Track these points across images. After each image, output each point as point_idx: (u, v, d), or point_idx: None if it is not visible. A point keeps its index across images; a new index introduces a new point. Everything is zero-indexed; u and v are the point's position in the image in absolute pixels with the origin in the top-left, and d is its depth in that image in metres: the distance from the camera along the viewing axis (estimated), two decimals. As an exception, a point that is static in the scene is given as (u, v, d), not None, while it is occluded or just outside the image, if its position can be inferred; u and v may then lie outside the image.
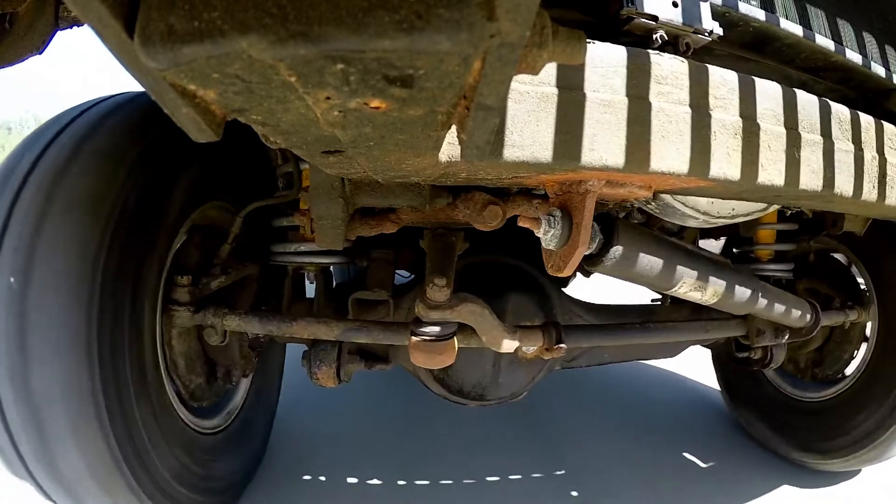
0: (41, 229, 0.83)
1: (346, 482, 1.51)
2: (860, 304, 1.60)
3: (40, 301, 0.82)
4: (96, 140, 0.92)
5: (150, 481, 0.98)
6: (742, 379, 1.99)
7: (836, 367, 1.73)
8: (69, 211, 0.85)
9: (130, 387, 0.93)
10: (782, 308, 1.19)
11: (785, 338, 1.36)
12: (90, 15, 0.26)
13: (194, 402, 1.20)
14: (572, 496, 1.48)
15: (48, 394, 0.83)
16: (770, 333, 1.36)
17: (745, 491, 1.57)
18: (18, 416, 0.83)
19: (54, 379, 0.83)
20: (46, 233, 0.83)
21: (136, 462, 0.94)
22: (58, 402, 0.83)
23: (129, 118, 0.98)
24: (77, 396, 0.84)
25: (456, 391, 1.32)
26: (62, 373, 0.83)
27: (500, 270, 1.37)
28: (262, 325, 1.11)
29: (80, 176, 0.87)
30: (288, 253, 1.23)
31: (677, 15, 0.72)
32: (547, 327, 1.10)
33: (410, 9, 0.24)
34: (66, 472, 0.87)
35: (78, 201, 0.85)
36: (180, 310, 1.08)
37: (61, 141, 0.90)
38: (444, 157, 0.54)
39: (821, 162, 0.73)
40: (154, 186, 0.97)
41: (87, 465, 0.88)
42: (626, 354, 1.52)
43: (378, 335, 1.07)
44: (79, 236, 0.84)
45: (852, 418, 1.56)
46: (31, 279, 0.82)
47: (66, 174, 0.87)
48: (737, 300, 1.04)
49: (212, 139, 0.36)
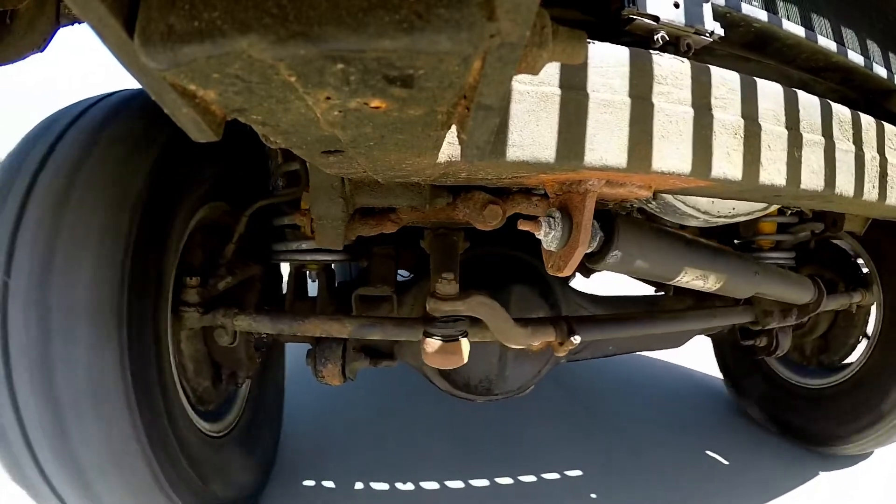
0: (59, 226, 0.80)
1: (353, 487, 1.50)
2: (864, 288, 1.62)
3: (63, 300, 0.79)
4: (113, 130, 0.89)
5: (177, 477, 0.96)
6: (747, 368, 2.01)
7: (841, 352, 1.75)
8: (89, 203, 0.82)
9: (157, 386, 0.92)
10: (785, 285, 1.19)
11: (793, 317, 1.37)
12: (90, 14, 0.26)
13: (202, 405, 1.19)
14: (591, 498, 1.47)
15: (74, 398, 0.80)
16: (778, 314, 1.37)
17: (772, 485, 1.57)
18: (38, 417, 0.80)
19: (81, 382, 0.80)
20: (65, 230, 0.80)
21: (165, 458, 0.92)
22: (85, 407, 0.81)
23: (142, 112, 0.96)
24: (105, 398, 0.82)
25: (462, 386, 1.31)
26: (88, 372, 0.80)
27: (502, 262, 1.37)
28: (274, 324, 1.10)
29: (97, 168, 0.84)
30: (290, 251, 1.23)
31: (679, 15, 0.72)
32: (558, 321, 1.10)
33: (410, 9, 0.24)
34: (85, 465, 0.84)
35: (99, 192, 0.83)
36: (190, 311, 1.06)
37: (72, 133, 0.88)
38: (444, 157, 0.54)
39: (821, 162, 0.73)
40: (170, 183, 0.95)
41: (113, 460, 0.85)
42: (630, 346, 1.52)
43: (391, 331, 1.06)
44: (101, 231, 0.82)
45: (862, 402, 1.58)
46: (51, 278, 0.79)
47: (84, 166, 0.84)
48: (739, 284, 1.04)
49: (212, 139, 0.36)
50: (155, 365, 0.92)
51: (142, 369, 0.87)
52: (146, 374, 0.89)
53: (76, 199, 0.81)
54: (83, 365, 0.80)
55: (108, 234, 0.82)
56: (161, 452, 0.91)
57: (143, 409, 0.87)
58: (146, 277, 0.89)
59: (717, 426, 1.97)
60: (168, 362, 0.99)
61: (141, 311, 0.87)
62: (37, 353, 0.78)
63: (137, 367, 0.86)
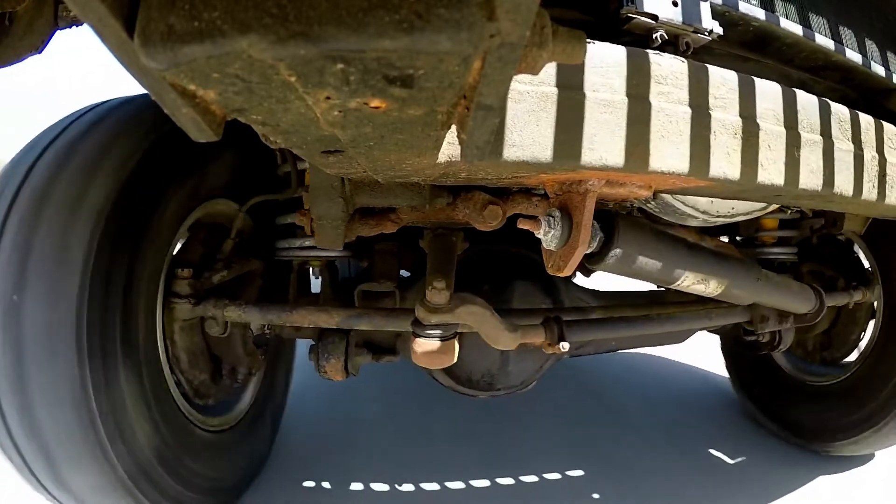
0: (36, 228, 0.84)
1: (350, 486, 1.50)
2: (865, 285, 1.61)
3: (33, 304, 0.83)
4: (93, 137, 0.93)
5: (135, 467, 0.97)
6: (751, 364, 2.01)
7: (844, 349, 1.75)
8: (62, 209, 0.86)
9: (121, 383, 0.93)
10: (786, 296, 1.19)
11: (789, 323, 1.37)
12: (90, 15, 0.26)
13: (199, 398, 1.21)
14: (593, 498, 1.47)
15: (44, 393, 0.83)
16: (774, 319, 1.37)
17: (773, 485, 1.56)
18: (17, 415, 0.84)
19: (49, 377, 0.83)
20: (41, 231, 0.84)
21: (124, 448, 0.94)
22: (53, 402, 0.84)
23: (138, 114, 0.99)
24: (69, 393, 0.85)
25: (465, 381, 1.32)
26: (56, 370, 0.84)
27: (505, 258, 1.37)
28: (262, 314, 1.11)
29: (74, 178, 0.88)
30: (293, 248, 1.24)
31: (677, 14, 0.72)
32: (549, 323, 1.10)
33: (410, 9, 0.24)
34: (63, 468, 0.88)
35: (69, 202, 0.87)
36: (181, 302, 1.09)
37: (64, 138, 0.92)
38: (444, 157, 0.54)
39: (820, 162, 0.73)
40: (146, 186, 0.98)
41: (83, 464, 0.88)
42: (634, 342, 1.52)
43: (380, 322, 1.07)
44: (70, 234, 0.85)
45: (863, 401, 1.58)
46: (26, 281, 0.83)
47: (62, 175, 0.88)
48: (740, 291, 1.04)
49: (211, 139, 0.36)
50: (127, 353, 0.94)
51: (104, 357, 0.90)
52: (109, 363, 0.91)
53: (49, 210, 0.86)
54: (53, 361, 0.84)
55: (77, 242, 0.86)
56: (111, 424, 0.92)
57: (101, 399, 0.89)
58: (113, 275, 0.92)
59: (717, 425, 1.97)
60: (153, 351, 1.02)
61: (106, 305, 0.90)
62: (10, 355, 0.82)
63: (100, 355, 0.89)
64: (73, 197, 0.87)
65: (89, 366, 0.86)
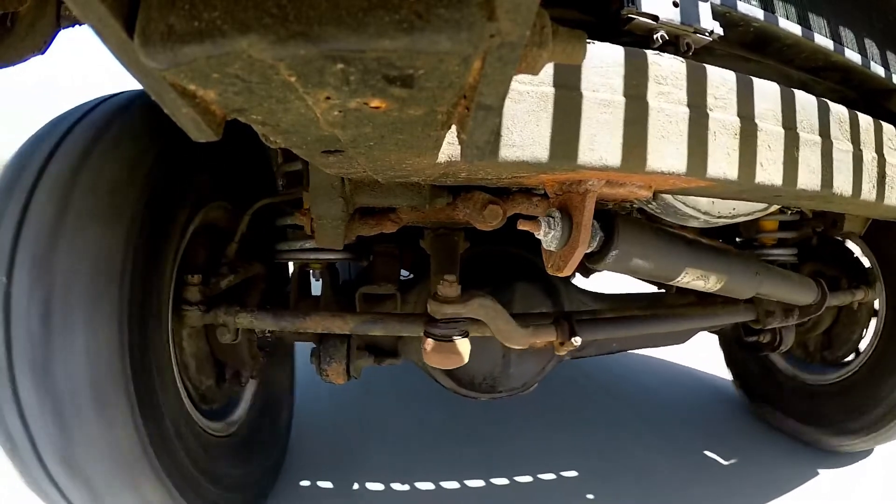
0: (60, 229, 0.81)
1: (352, 485, 1.51)
2: (867, 284, 1.61)
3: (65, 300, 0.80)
4: (114, 132, 0.90)
5: (178, 474, 0.96)
6: (752, 364, 2.01)
7: (845, 348, 1.75)
8: (90, 206, 0.83)
9: (157, 383, 0.92)
10: (787, 287, 1.19)
11: (795, 317, 1.37)
12: (90, 15, 0.26)
13: (205, 404, 1.19)
14: (588, 499, 1.46)
15: (73, 388, 0.80)
16: (780, 314, 1.37)
17: (772, 484, 1.57)
18: (40, 411, 0.81)
19: (81, 373, 0.80)
20: (66, 232, 0.81)
21: (166, 455, 0.93)
22: (84, 400, 0.81)
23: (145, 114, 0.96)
24: (105, 394, 0.82)
25: (466, 384, 1.31)
26: (89, 367, 0.81)
27: (505, 260, 1.37)
28: (276, 320, 1.10)
29: (100, 167, 0.85)
30: (293, 250, 1.23)
31: (677, 15, 0.72)
32: (559, 321, 1.10)
33: (410, 9, 0.24)
34: (86, 465, 0.85)
35: (99, 195, 0.83)
36: (191, 309, 1.07)
37: (77, 132, 0.88)
38: (444, 157, 0.54)
39: (820, 162, 0.73)
40: (171, 184, 0.96)
41: (114, 459, 0.86)
42: (634, 343, 1.52)
43: (393, 327, 1.07)
44: (102, 235, 0.82)
45: (865, 398, 1.59)
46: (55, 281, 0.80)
47: (85, 166, 0.84)
48: (740, 284, 1.04)
49: (211, 139, 0.36)
50: (158, 358, 0.93)
51: (144, 362, 0.88)
52: (148, 367, 0.89)
53: (75, 211, 0.82)
54: (83, 362, 0.81)
55: (110, 243, 0.83)
56: (162, 451, 0.91)
57: (145, 409, 0.87)
58: (147, 279, 0.90)
59: (717, 425, 1.97)
60: (167, 358, 0.99)
61: (143, 310, 0.88)
62: (39, 352, 0.79)
63: (140, 359, 0.87)
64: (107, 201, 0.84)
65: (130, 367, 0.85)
